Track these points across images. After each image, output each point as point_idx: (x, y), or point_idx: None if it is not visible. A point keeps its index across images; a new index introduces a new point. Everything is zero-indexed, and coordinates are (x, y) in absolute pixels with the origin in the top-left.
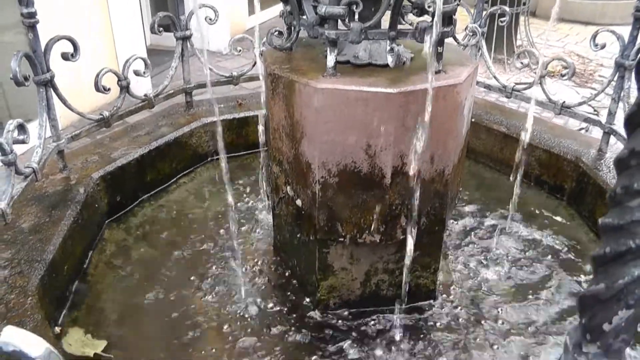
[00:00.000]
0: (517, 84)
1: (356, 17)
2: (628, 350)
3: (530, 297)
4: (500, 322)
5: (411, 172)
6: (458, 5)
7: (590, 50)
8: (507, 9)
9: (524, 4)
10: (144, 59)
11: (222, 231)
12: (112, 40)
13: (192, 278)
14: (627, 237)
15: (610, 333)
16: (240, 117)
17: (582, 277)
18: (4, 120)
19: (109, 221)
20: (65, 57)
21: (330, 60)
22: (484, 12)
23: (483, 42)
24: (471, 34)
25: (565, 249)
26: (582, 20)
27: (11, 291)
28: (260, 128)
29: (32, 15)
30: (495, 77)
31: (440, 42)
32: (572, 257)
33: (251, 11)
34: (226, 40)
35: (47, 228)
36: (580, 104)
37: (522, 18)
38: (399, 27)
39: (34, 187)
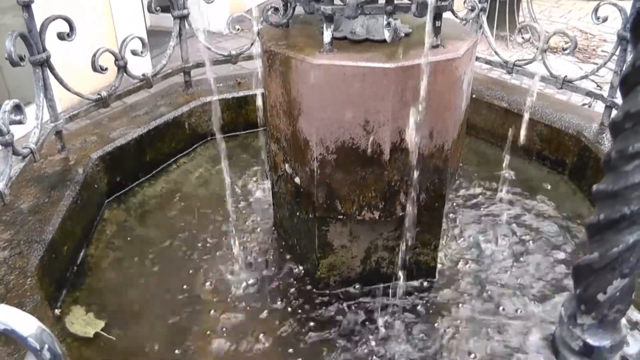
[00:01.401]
0: (519, 60)
1: None
2: (624, 320)
3: (532, 272)
4: (501, 298)
5: (410, 148)
6: None
7: (593, 26)
8: None
9: None
10: (141, 39)
11: (222, 210)
12: (111, 21)
13: (192, 257)
14: (622, 203)
15: (605, 303)
16: (239, 96)
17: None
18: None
19: (108, 201)
20: (61, 36)
21: (327, 36)
22: None
23: (484, 18)
24: (470, 8)
25: (567, 223)
26: None
27: (11, 272)
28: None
29: None
30: (496, 53)
31: (437, 16)
32: (574, 232)
33: None
34: (226, 19)
35: (46, 209)
36: (582, 77)
37: None
38: (396, 1)
39: (32, 167)
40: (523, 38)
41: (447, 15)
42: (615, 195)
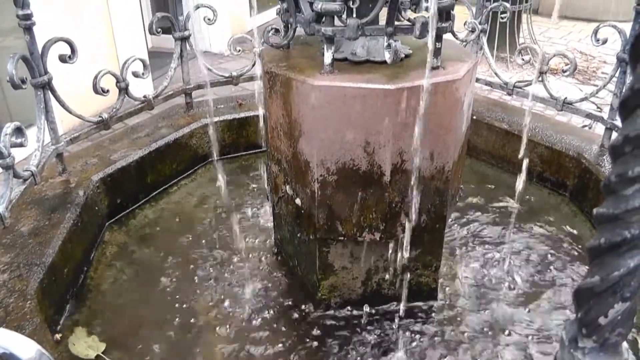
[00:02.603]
0: (519, 81)
1: (353, 13)
2: (625, 343)
3: (532, 294)
4: (502, 320)
5: (410, 170)
6: (455, 1)
7: (594, 48)
8: (507, 5)
9: (526, 1)
10: (142, 60)
11: (223, 232)
12: (113, 42)
13: (193, 279)
14: (623, 227)
15: (607, 327)
16: (240, 118)
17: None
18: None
19: (109, 223)
20: (62, 59)
21: (328, 57)
22: (485, 9)
23: (484, 39)
24: (471, 30)
25: (569, 245)
26: (584, 18)
27: (10, 295)
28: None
29: (28, 17)
30: (496, 74)
31: (438, 38)
32: (576, 254)
33: (253, 12)
34: (227, 41)
35: (46, 231)
36: (582, 99)
37: (524, 16)
38: (397, 23)
39: (33, 190)
40: (523, 60)
41: (447, 36)
42: (616, 218)
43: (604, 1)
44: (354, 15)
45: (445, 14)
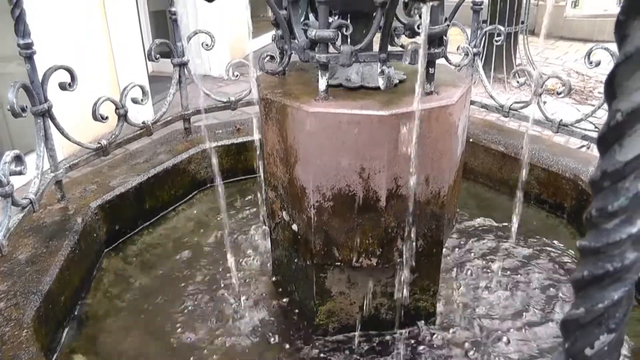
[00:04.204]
0: (516, 102)
1: (347, 40)
2: None
3: (531, 318)
4: (499, 345)
5: (406, 195)
6: (448, 26)
7: (595, 59)
8: (502, 28)
9: (522, 22)
10: (141, 87)
11: (220, 257)
12: (113, 68)
13: (191, 306)
14: (605, 260)
15: (593, 358)
16: (238, 142)
17: None
18: (6, 150)
19: (107, 250)
20: (62, 86)
21: (322, 84)
22: (481, 31)
23: (479, 62)
24: (464, 54)
25: (567, 268)
26: (580, 38)
27: (6, 324)
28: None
29: (29, 46)
30: (492, 97)
31: (431, 64)
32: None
33: (252, 35)
34: (225, 67)
35: (44, 259)
36: (577, 121)
37: (520, 37)
38: (390, 49)
39: (31, 218)
40: (518, 82)
41: (441, 60)
42: (598, 252)
43: (600, 22)
44: (348, 42)
45: (437, 40)
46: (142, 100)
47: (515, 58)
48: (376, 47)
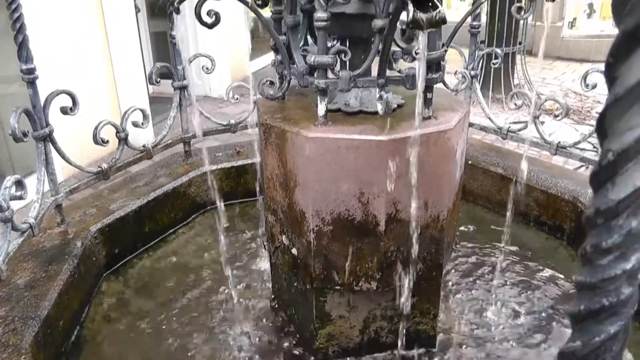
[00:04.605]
0: (514, 122)
1: (346, 65)
2: None
3: (531, 341)
4: None
5: (405, 219)
6: (445, 51)
7: (591, 82)
8: (498, 51)
9: (520, 43)
10: (142, 110)
11: (220, 281)
12: (114, 89)
13: (190, 329)
14: (601, 295)
15: None
16: (238, 165)
17: None
18: (7, 172)
19: (106, 273)
20: (64, 111)
21: (321, 109)
22: (479, 52)
23: (477, 84)
24: (462, 78)
25: (567, 292)
26: (577, 58)
27: (4, 350)
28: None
29: (32, 71)
30: (490, 119)
31: (429, 89)
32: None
33: (252, 56)
34: (227, 86)
35: (42, 283)
36: (575, 144)
37: (518, 57)
38: (388, 74)
39: (31, 242)
40: (515, 105)
41: (439, 84)
42: (594, 287)
43: (596, 42)
44: (347, 67)
45: (435, 65)
46: (142, 123)
47: (513, 78)
48: (374, 71)
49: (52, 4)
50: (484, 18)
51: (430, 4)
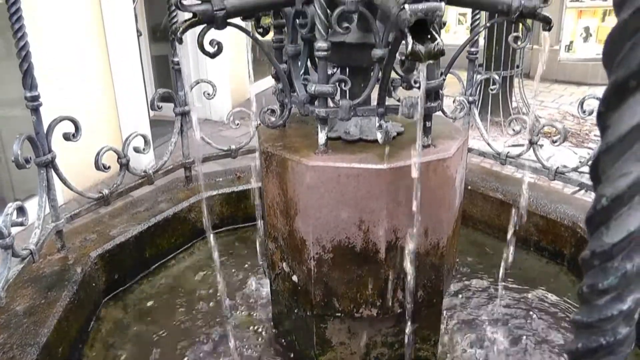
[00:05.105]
0: (513, 145)
1: (346, 94)
2: None
3: None
4: None
5: (405, 246)
6: (444, 80)
7: (588, 108)
8: (496, 76)
9: (518, 66)
10: (143, 136)
11: (220, 306)
12: (115, 112)
13: (190, 355)
14: (598, 334)
15: None
16: (238, 191)
17: None
18: (7, 194)
19: (106, 299)
20: (66, 137)
21: (321, 137)
22: (478, 76)
23: (475, 111)
24: (460, 107)
25: (568, 318)
26: (575, 81)
27: None
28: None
29: (36, 98)
30: (489, 144)
31: (427, 117)
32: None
33: (253, 79)
34: (228, 109)
35: (42, 310)
36: (573, 169)
37: (516, 80)
38: (388, 102)
39: (30, 268)
40: (514, 130)
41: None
42: (591, 326)
43: (593, 65)
44: (347, 96)
45: (433, 94)
46: (143, 149)
47: (512, 101)
48: (374, 98)
49: (55, 26)
50: (481, 42)
51: (429, 36)
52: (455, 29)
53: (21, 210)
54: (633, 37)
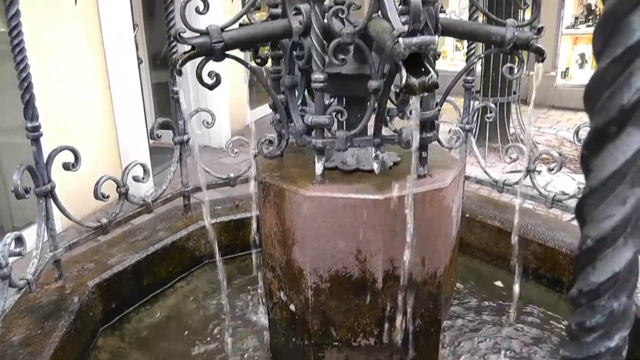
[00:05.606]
0: (511, 172)
1: (343, 125)
2: None
3: None
4: None
5: (402, 276)
6: (439, 110)
7: (582, 136)
8: (492, 105)
9: (515, 92)
10: (143, 165)
11: (218, 336)
12: (115, 139)
13: None
14: None
15: None
16: (237, 219)
17: None
18: (5, 223)
19: (103, 328)
20: (66, 167)
21: (319, 168)
22: (474, 102)
23: (472, 139)
24: (456, 137)
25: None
26: (571, 107)
27: None
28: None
29: (37, 129)
30: (486, 172)
31: (423, 147)
32: None
33: (252, 105)
34: (227, 136)
35: (38, 340)
36: (570, 197)
37: (513, 106)
38: (384, 132)
39: (27, 297)
40: (511, 158)
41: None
42: None
43: None
44: (344, 127)
45: (429, 124)
46: (143, 178)
47: (509, 127)
48: (370, 128)
49: (55, 53)
50: (478, 68)
51: (422, 69)
52: (453, 55)
53: (19, 240)
54: (612, 85)
